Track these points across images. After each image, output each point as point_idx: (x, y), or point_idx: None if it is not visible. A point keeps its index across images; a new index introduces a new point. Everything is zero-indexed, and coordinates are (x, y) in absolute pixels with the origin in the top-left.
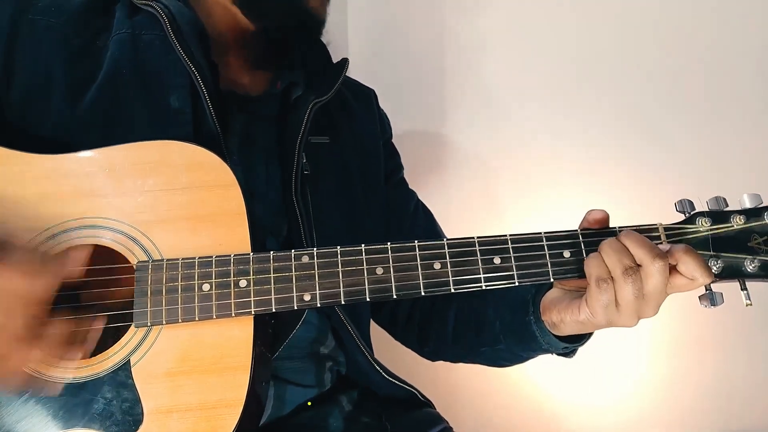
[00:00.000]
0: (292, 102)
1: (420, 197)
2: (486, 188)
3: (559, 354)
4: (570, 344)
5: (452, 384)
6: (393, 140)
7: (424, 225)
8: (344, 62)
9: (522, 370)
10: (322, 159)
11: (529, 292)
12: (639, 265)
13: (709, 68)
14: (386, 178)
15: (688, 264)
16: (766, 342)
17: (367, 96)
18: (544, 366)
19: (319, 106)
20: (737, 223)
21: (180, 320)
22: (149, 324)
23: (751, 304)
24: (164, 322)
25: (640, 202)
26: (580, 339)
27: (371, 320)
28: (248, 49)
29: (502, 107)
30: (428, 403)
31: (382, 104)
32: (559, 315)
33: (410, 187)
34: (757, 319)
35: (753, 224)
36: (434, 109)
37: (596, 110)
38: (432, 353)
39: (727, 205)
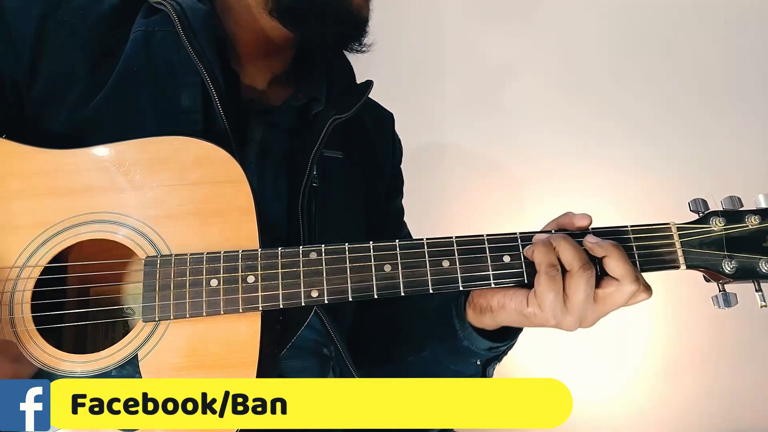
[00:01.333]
0: (311, 116)
1: (421, 198)
2: (487, 190)
3: (485, 363)
4: (494, 343)
5: None
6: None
7: None
8: (369, 84)
9: (522, 367)
10: (333, 173)
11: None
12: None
13: (718, 69)
14: (384, 201)
15: (613, 259)
16: (766, 342)
17: (385, 119)
18: (544, 364)
19: (338, 123)
20: (752, 223)
21: (188, 315)
22: (157, 319)
23: (766, 306)
24: (172, 317)
25: (649, 200)
26: (502, 339)
27: None
28: (273, 60)
29: (503, 108)
30: None
31: (383, 105)
32: (502, 300)
33: (410, 187)
34: (759, 318)
35: None
36: (435, 110)
37: (599, 110)
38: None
39: (741, 205)
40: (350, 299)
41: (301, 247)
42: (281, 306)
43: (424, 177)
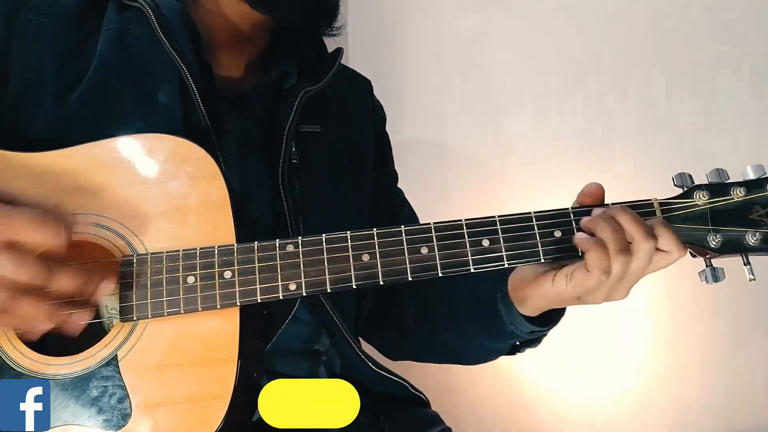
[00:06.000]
0: (284, 91)
1: (420, 198)
2: (487, 189)
3: (522, 343)
4: (537, 327)
5: (449, 383)
6: (393, 141)
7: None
8: (339, 51)
9: (521, 368)
10: (312, 148)
11: (497, 271)
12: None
13: (708, 50)
14: (374, 169)
15: (663, 237)
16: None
17: (362, 85)
18: (542, 363)
19: (312, 94)
20: (737, 195)
21: (165, 313)
22: (135, 318)
23: (754, 279)
24: (150, 316)
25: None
26: (546, 324)
27: None
28: (246, 49)
29: (503, 107)
30: (424, 402)
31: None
32: (527, 290)
33: (409, 185)
34: (758, 315)
35: (754, 196)
36: (434, 110)
37: (597, 109)
38: (392, 348)
39: (728, 178)
40: (329, 290)
41: (277, 240)
42: (259, 300)
43: (419, 175)
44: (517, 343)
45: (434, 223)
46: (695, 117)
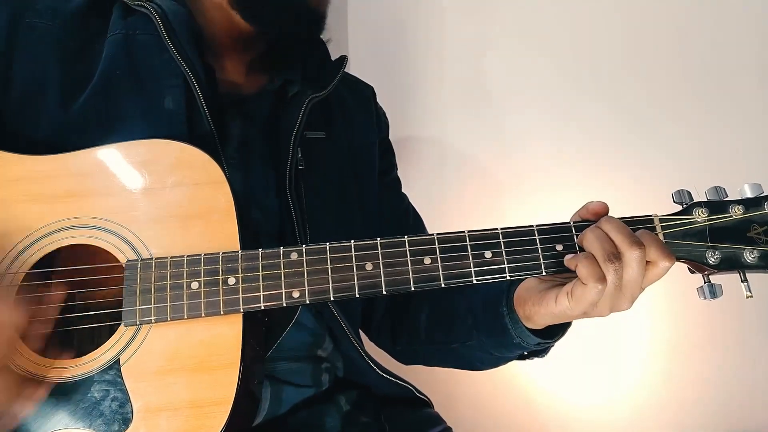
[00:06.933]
0: (288, 99)
1: (420, 199)
2: (486, 189)
3: (531, 352)
4: (543, 340)
5: (451, 384)
6: (393, 141)
7: (414, 230)
8: (343, 59)
9: (521, 370)
10: (317, 154)
11: (504, 284)
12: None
13: (708, 64)
14: (379, 175)
15: (649, 246)
16: (766, 342)
17: (365, 93)
18: (544, 366)
19: (316, 101)
20: (736, 213)
21: (169, 318)
22: (138, 323)
23: (751, 296)
24: (153, 321)
25: (643, 203)
26: (553, 336)
27: None
28: (246, 52)
29: (502, 108)
30: (427, 402)
31: (381, 104)
32: (533, 308)
33: (410, 186)
34: (758, 318)
35: (752, 214)
36: (434, 110)
37: (596, 110)
38: (403, 353)
39: (726, 195)
40: (332, 299)
41: (281, 248)
42: (262, 307)
43: (419, 175)
44: (525, 353)
45: (437, 234)
46: (701, 127)
